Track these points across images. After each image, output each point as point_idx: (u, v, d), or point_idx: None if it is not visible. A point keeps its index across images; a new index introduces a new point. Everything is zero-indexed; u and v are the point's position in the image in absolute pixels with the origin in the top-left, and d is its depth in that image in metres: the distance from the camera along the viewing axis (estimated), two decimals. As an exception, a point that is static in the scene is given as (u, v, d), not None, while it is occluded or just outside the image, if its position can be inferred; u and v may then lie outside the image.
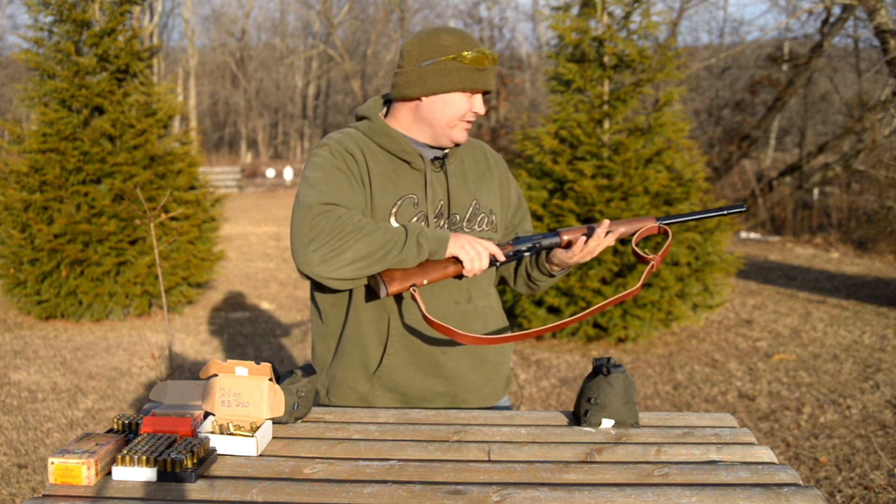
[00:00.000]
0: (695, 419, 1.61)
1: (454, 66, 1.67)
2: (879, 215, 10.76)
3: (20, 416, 4.26)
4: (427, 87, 1.68)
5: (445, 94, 1.69)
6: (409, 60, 1.70)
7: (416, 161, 1.73)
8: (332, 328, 1.80)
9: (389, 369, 1.74)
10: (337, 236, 1.54)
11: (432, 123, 1.72)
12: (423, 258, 1.60)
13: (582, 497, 1.24)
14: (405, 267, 1.60)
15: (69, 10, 6.34)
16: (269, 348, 5.79)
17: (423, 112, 1.72)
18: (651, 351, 5.59)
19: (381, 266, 1.57)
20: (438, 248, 1.60)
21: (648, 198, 5.55)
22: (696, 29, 27.63)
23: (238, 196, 19.42)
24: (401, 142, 1.72)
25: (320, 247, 1.54)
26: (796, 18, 13.42)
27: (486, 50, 1.69)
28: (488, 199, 1.83)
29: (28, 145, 6.31)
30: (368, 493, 1.25)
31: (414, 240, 1.58)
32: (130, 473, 1.28)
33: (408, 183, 1.72)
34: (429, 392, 1.77)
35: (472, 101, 1.71)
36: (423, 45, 1.69)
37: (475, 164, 1.86)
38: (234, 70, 30.86)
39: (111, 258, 6.24)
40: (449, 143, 1.74)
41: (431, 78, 1.68)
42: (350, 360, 1.76)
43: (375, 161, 1.71)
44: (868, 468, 3.49)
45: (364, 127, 1.76)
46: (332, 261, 1.54)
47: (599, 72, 5.81)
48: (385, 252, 1.56)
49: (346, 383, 1.78)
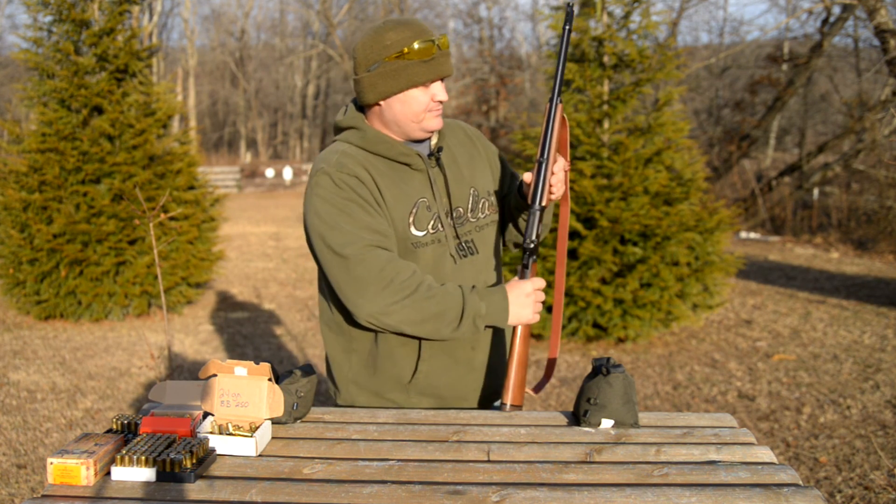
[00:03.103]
0: (695, 419, 1.61)
1: (399, 64, 1.62)
2: (879, 215, 10.76)
3: (19, 417, 4.26)
4: (379, 91, 1.65)
5: (399, 94, 1.65)
6: (359, 66, 1.67)
7: (416, 162, 1.71)
8: (357, 342, 1.76)
9: (425, 375, 1.73)
10: (390, 288, 1.58)
11: (398, 123, 1.69)
12: (475, 335, 1.67)
13: (581, 497, 1.24)
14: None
15: (68, 10, 6.34)
16: (269, 348, 5.79)
17: (386, 115, 1.69)
18: (651, 351, 5.58)
19: (434, 335, 1.63)
20: (498, 324, 1.67)
21: (648, 198, 5.55)
22: (695, 29, 27.66)
23: (237, 196, 19.42)
24: (397, 145, 1.70)
25: (375, 297, 1.58)
26: (796, 18, 13.42)
27: (432, 36, 1.64)
28: (483, 181, 1.83)
29: (27, 145, 6.30)
30: (368, 493, 1.25)
31: (470, 321, 1.62)
32: (129, 474, 1.28)
33: (414, 186, 1.71)
34: (465, 390, 1.78)
35: (431, 92, 1.67)
36: (367, 48, 1.64)
37: (461, 147, 1.83)
38: (234, 70, 30.85)
39: (110, 258, 6.24)
40: (424, 134, 1.71)
41: (380, 82, 1.64)
42: (382, 372, 1.74)
43: (379, 173, 1.68)
44: (868, 468, 3.48)
45: (355, 138, 1.72)
46: (389, 315, 1.59)
47: (599, 71, 5.81)
48: (438, 325, 1.61)
49: (379, 395, 1.76)
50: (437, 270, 1.70)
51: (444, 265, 1.71)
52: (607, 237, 5.51)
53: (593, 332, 5.61)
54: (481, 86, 22.36)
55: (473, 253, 1.77)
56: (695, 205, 5.81)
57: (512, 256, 5.79)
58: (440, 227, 1.72)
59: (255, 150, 31.56)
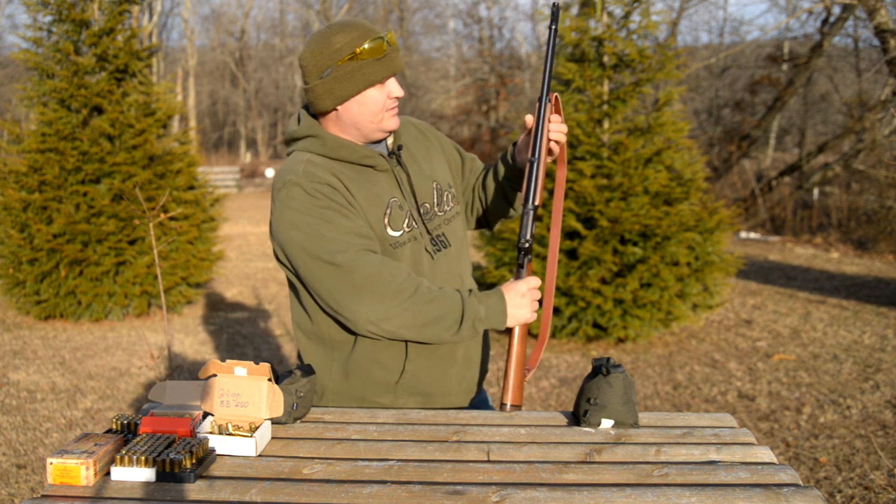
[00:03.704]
0: (694, 419, 1.61)
1: (353, 66, 1.61)
2: (879, 215, 10.76)
3: (19, 417, 4.26)
4: (336, 96, 1.64)
5: (356, 95, 1.64)
6: (310, 75, 1.65)
7: (380, 163, 1.70)
8: (339, 351, 1.75)
9: (412, 374, 1.73)
10: (388, 292, 1.56)
11: (357, 126, 1.68)
12: (475, 338, 1.69)
13: (581, 497, 1.24)
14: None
15: (68, 10, 6.34)
16: (269, 348, 5.79)
17: (344, 119, 1.68)
18: (651, 351, 5.58)
19: (433, 340, 1.63)
20: (497, 327, 1.67)
21: (648, 197, 5.55)
22: (695, 28, 27.65)
23: (237, 196, 19.40)
24: (358, 149, 1.68)
25: (374, 302, 1.56)
26: (796, 18, 13.43)
27: (379, 33, 1.63)
28: (442, 173, 1.84)
29: (27, 145, 6.30)
30: (367, 493, 1.25)
31: (470, 324, 1.63)
32: (129, 474, 1.27)
33: (383, 187, 1.71)
34: (448, 384, 1.78)
35: (387, 89, 1.66)
36: (316, 55, 1.63)
37: (416, 142, 1.84)
38: (234, 70, 30.86)
39: (110, 258, 6.24)
40: (382, 135, 1.71)
41: (336, 86, 1.62)
42: (367, 377, 1.73)
43: (347, 178, 1.66)
44: (868, 468, 3.48)
45: (315, 146, 1.69)
46: (389, 321, 1.58)
47: (599, 71, 5.81)
48: (438, 329, 1.61)
49: (365, 400, 1.75)
50: (416, 268, 1.71)
51: (422, 262, 1.72)
52: (607, 237, 5.50)
53: (593, 332, 5.61)
54: (481, 86, 22.36)
55: (447, 246, 1.78)
56: (695, 205, 5.81)
57: (511, 256, 5.79)
58: (414, 224, 1.73)
59: (254, 150, 31.56)
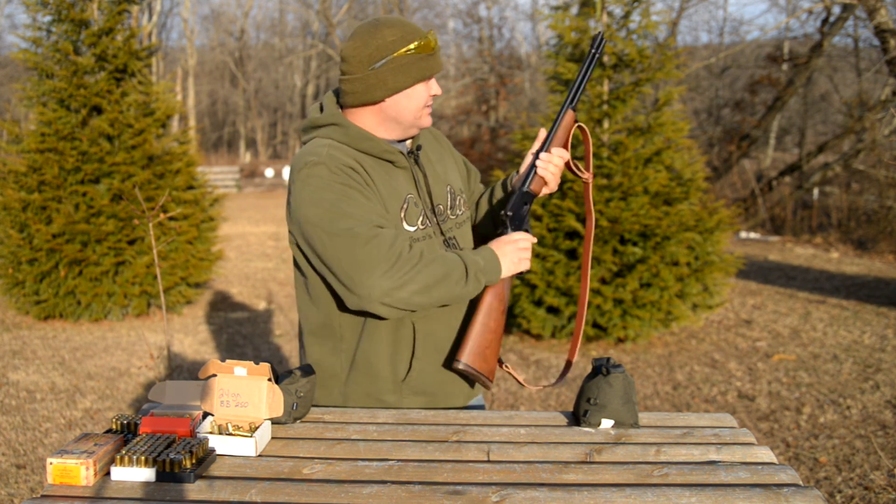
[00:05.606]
0: (694, 419, 1.61)
1: (409, 59, 1.65)
2: (879, 215, 10.76)
3: (19, 417, 4.26)
4: (389, 87, 1.67)
5: (408, 89, 1.68)
6: (357, 66, 1.67)
7: (399, 159, 1.73)
8: (347, 342, 1.75)
9: (419, 373, 1.74)
10: (398, 263, 1.56)
11: (400, 120, 1.71)
12: (479, 291, 1.70)
13: (581, 497, 1.24)
14: (461, 301, 1.71)
15: (67, 10, 6.34)
16: (268, 348, 5.79)
17: (388, 112, 1.70)
18: (651, 351, 5.58)
19: (444, 299, 1.63)
20: (495, 279, 1.69)
21: (648, 197, 5.55)
22: (695, 28, 27.65)
23: (237, 196, 19.40)
24: (380, 142, 1.71)
25: (385, 274, 1.55)
26: (796, 18, 13.43)
27: (426, 33, 1.68)
28: (454, 177, 1.88)
29: (26, 145, 6.30)
30: (367, 493, 1.25)
31: (474, 275, 1.64)
32: (129, 474, 1.27)
33: (400, 182, 1.73)
34: (452, 385, 1.79)
35: (430, 87, 1.71)
36: (368, 46, 1.65)
37: (431, 146, 1.88)
38: (233, 69, 30.84)
39: (110, 258, 6.24)
40: (417, 130, 1.76)
41: (391, 77, 1.66)
42: (374, 372, 1.73)
43: (369, 167, 1.69)
44: (868, 468, 3.48)
45: (337, 135, 1.70)
46: (401, 289, 1.56)
47: (599, 71, 5.81)
48: (447, 286, 1.61)
49: (371, 396, 1.75)
50: None
51: None
52: (607, 237, 5.50)
53: (593, 332, 5.61)
54: (481, 86, 22.35)
55: (458, 249, 1.80)
56: (695, 205, 5.81)
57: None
58: (428, 223, 1.75)
59: (254, 150, 31.57)
